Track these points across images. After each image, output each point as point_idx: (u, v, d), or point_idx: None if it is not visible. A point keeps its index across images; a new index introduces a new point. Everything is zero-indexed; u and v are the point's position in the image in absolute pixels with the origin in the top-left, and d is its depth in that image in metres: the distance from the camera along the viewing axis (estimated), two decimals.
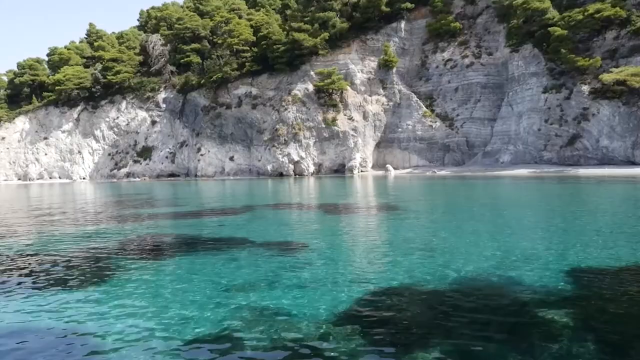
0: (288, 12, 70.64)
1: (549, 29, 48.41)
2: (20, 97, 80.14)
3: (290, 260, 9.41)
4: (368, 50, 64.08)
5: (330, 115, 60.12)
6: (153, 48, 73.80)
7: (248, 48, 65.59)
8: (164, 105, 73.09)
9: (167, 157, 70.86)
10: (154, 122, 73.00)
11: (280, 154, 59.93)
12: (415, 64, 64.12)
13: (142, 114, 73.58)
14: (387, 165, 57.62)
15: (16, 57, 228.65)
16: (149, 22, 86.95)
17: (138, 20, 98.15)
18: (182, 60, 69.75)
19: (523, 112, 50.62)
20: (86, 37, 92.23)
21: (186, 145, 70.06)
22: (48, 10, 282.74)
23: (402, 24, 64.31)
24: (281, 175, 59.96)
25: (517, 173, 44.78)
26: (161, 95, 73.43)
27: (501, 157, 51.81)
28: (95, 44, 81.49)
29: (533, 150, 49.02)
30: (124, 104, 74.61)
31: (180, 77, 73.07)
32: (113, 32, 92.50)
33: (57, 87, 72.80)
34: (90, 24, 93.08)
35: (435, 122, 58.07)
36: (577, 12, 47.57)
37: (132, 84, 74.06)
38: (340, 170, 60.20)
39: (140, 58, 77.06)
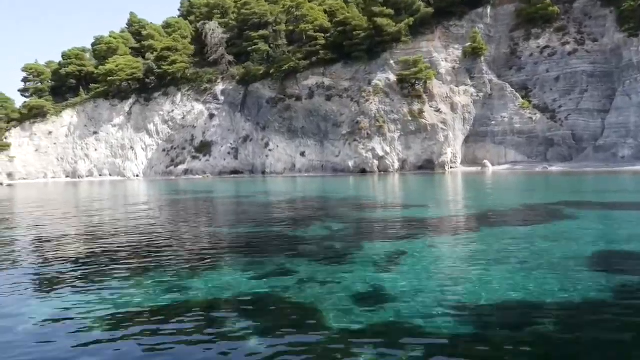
0: None
1: None
2: (64, 89, 75.48)
3: None
4: (452, 37, 59.52)
5: (416, 107, 55.47)
6: (211, 36, 69.01)
7: (322, 35, 60.75)
8: (222, 98, 68.39)
9: (229, 153, 66.08)
10: (212, 116, 68.28)
11: (363, 149, 55.23)
12: (503, 52, 59.51)
13: (198, 106, 68.89)
14: (485, 161, 52.92)
15: (46, 49, 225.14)
16: (197, 10, 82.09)
17: (179, 9, 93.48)
18: (250, 48, 64.90)
19: None
20: (127, 27, 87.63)
21: (250, 140, 65.29)
22: (74, 3, 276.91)
23: (488, 10, 59.75)
24: (364, 171, 55.26)
25: None
26: (219, 87, 68.74)
27: (619, 151, 47.15)
28: (144, 32, 76.66)
29: None
30: (179, 96, 69.91)
31: (238, 68, 68.40)
32: (151, 23, 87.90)
33: (108, 78, 68.03)
34: (132, 14, 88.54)
35: (535, 114, 53.42)
36: None
37: (188, 75, 69.37)
38: (426, 166, 55.47)
39: (193, 47, 72.39)
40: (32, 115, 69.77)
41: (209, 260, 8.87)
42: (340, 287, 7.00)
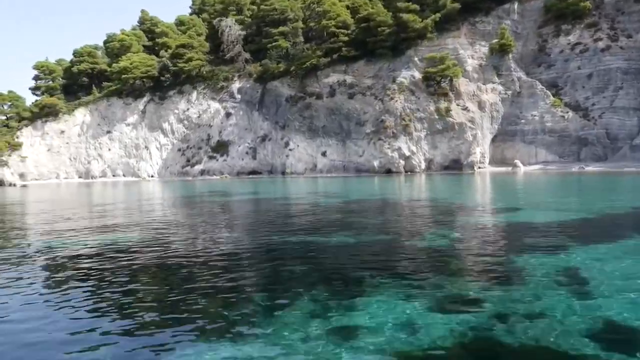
0: None
1: None
2: (75, 87, 73.89)
3: None
4: (478, 34, 57.81)
5: (443, 105, 53.72)
6: (228, 33, 67.31)
7: (344, 31, 59.00)
8: (239, 96, 66.73)
9: (247, 153, 64.39)
10: (228, 115, 66.61)
11: (389, 148, 53.49)
12: (530, 49, 57.71)
13: (215, 105, 67.23)
14: (516, 161, 51.08)
15: (51, 47, 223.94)
16: (210, 8, 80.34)
17: (191, 7, 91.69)
18: (269, 45, 63.19)
19: None
20: (139, 24, 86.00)
21: (269, 140, 63.58)
22: (78, 2, 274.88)
23: (515, 5, 57.99)
24: (389, 172, 53.53)
25: None
26: (236, 85, 67.07)
27: None
28: (157, 30, 75.04)
29: None
30: (194, 94, 68.27)
31: (256, 65, 66.72)
32: (163, 21, 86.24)
33: (122, 76, 66.40)
34: (143, 11, 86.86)
35: (567, 112, 51.61)
36: None
37: (204, 73, 67.70)
38: (453, 166, 53.68)
39: (208, 45, 70.69)
40: (43, 113, 68.18)
41: (354, 283, 7.12)
42: (553, 323, 5.30)
